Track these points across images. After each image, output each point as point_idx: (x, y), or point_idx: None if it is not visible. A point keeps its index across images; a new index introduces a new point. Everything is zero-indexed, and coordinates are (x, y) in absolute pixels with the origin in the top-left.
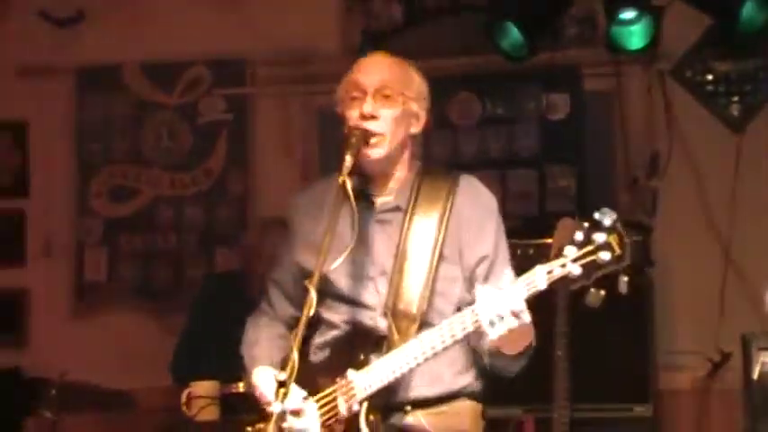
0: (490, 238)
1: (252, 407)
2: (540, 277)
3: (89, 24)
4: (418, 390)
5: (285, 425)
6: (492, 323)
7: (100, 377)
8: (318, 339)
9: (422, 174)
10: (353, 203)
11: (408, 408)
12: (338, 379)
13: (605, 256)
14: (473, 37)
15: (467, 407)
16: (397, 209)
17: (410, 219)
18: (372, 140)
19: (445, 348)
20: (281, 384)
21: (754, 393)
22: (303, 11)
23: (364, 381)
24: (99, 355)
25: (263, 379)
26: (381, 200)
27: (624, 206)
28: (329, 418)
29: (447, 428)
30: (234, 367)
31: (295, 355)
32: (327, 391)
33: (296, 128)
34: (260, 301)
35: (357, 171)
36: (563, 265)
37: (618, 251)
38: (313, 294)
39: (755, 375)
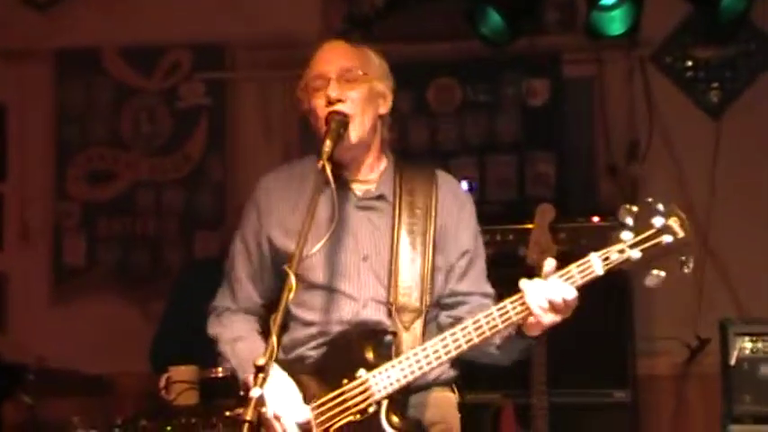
0: (471, 232)
1: (230, 392)
2: (596, 264)
3: (68, 8)
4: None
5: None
6: (542, 311)
7: (78, 362)
8: (288, 338)
9: (400, 165)
10: (333, 188)
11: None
12: (345, 381)
13: (668, 239)
14: (453, 22)
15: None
16: (380, 198)
17: (399, 210)
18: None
19: (472, 345)
20: (260, 369)
21: (732, 378)
22: None
23: (382, 380)
24: (77, 340)
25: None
26: (360, 187)
27: (604, 192)
28: (337, 422)
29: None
30: (213, 353)
31: (274, 340)
32: (333, 393)
33: (276, 113)
34: (216, 298)
35: (331, 157)
36: (621, 251)
37: (681, 233)
38: (292, 279)
39: (733, 360)
